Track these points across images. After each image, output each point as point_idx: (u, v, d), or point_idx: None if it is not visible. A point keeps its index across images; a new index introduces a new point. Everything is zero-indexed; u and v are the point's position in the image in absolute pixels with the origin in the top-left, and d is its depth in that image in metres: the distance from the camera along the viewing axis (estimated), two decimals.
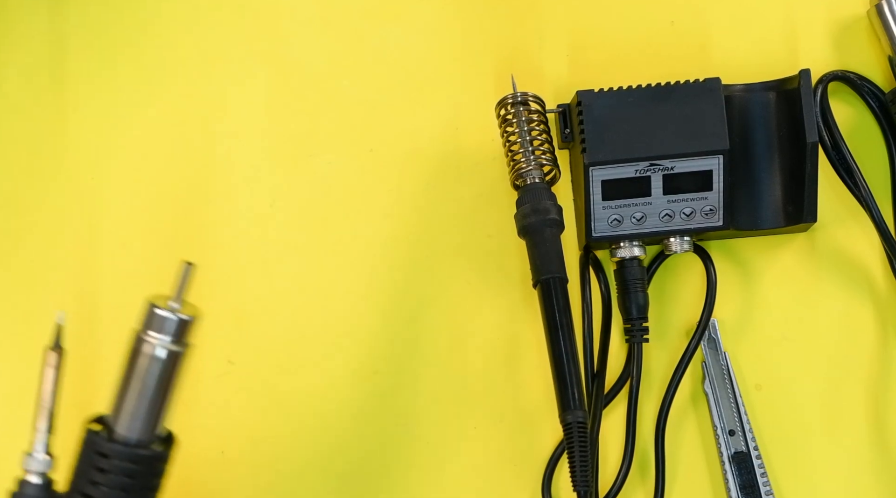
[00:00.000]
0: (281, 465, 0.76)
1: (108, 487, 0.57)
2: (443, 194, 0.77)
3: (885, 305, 0.75)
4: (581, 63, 0.77)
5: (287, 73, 0.78)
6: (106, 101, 0.78)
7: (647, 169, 0.71)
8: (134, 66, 0.78)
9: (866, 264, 0.76)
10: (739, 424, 0.74)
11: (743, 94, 0.73)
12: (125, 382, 0.57)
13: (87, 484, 0.57)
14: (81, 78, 0.78)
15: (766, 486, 0.74)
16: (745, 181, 0.73)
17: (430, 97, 0.77)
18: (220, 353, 0.77)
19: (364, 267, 0.77)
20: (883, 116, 0.76)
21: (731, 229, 0.73)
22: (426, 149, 0.77)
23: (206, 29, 0.79)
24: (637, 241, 0.73)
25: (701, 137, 0.71)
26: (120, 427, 0.58)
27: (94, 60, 0.78)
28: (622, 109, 0.71)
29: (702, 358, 0.75)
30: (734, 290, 0.76)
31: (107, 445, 0.57)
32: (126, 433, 0.58)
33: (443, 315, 0.76)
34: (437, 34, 0.77)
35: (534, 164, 0.72)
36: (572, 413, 0.68)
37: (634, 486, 0.75)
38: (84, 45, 0.78)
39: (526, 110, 0.73)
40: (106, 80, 0.78)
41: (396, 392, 0.75)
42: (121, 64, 0.78)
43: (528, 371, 0.75)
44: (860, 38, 0.77)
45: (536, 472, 0.75)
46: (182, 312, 0.56)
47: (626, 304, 0.74)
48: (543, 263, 0.70)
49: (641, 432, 0.75)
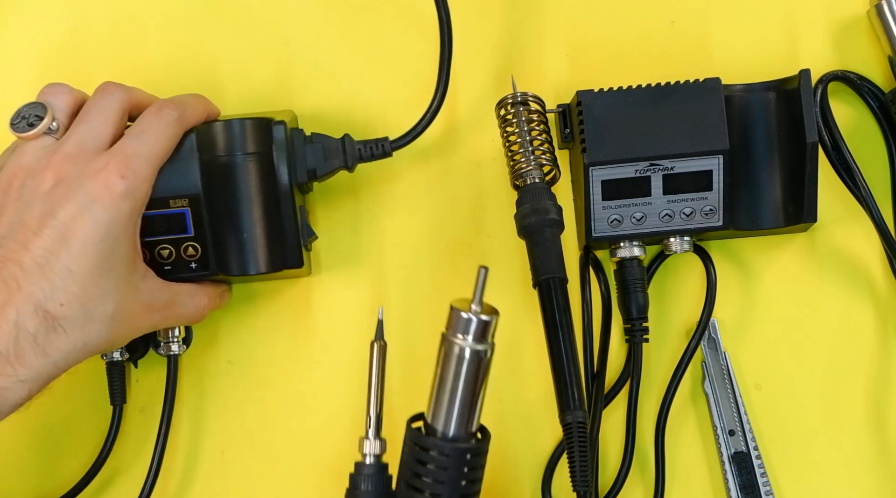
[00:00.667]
0: (281, 465, 0.76)
1: (430, 479, 0.62)
2: (443, 194, 0.77)
3: (885, 305, 0.75)
4: (581, 63, 0.77)
5: (287, 71, 0.78)
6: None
7: (647, 169, 0.71)
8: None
9: (866, 264, 0.76)
10: (739, 424, 0.74)
11: (743, 94, 0.73)
12: (440, 382, 0.62)
13: (412, 476, 0.62)
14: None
15: (766, 486, 0.74)
16: (745, 181, 0.73)
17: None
18: (221, 353, 0.77)
19: (364, 267, 0.77)
20: (883, 116, 0.76)
21: (731, 229, 0.73)
22: (426, 149, 0.77)
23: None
24: (637, 241, 0.73)
25: (701, 137, 0.71)
26: (438, 424, 0.62)
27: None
28: (622, 109, 0.71)
29: (702, 358, 0.75)
30: (734, 290, 0.76)
31: (427, 441, 0.62)
32: (444, 429, 0.62)
33: (443, 315, 0.76)
34: (436, 34, 0.77)
35: (534, 164, 0.72)
36: (572, 413, 0.68)
37: (634, 486, 0.75)
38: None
39: (526, 110, 0.73)
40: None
41: (396, 392, 0.75)
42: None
43: (528, 371, 0.75)
44: (860, 38, 0.77)
45: (536, 472, 0.75)
46: (483, 313, 0.61)
47: (626, 304, 0.74)
48: (543, 263, 0.70)
49: (641, 432, 0.75)
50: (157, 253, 0.70)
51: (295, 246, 0.71)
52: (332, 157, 0.72)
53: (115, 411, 0.75)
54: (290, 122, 0.71)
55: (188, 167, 0.69)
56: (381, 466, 0.66)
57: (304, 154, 0.72)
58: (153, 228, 0.69)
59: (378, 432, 0.66)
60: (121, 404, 0.75)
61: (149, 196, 0.66)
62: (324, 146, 0.72)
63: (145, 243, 0.69)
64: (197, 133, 0.69)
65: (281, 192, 0.70)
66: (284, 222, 0.70)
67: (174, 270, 0.70)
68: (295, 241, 0.71)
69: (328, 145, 0.72)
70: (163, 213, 0.69)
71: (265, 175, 0.69)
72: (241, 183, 0.69)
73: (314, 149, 0.72)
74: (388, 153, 0.73)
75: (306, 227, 0.72)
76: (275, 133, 0.70)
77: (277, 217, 0.70)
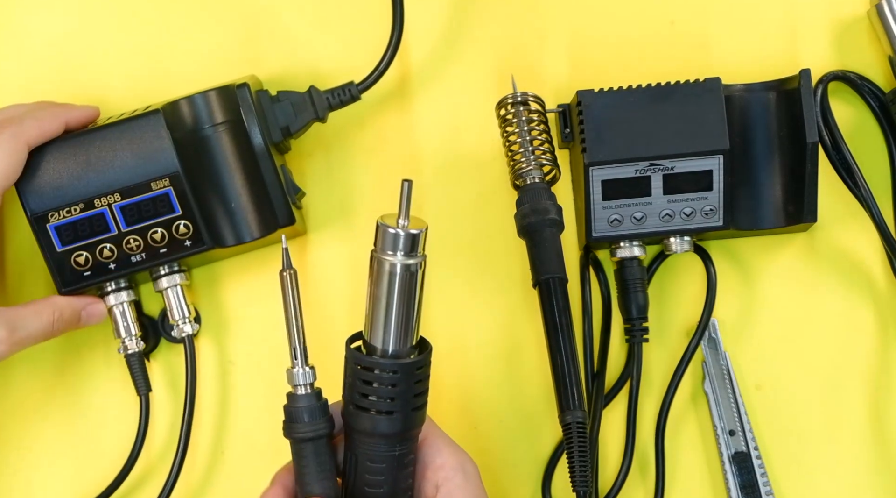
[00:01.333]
0: (281, 465, 0.76)
1: (375, 397, 0.61)
2: (443, 194, 0.77)
3: (885, 305, 0.75)
4: (581, 63, 0.77)
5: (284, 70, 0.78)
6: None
7: (647, 169, 0.71)
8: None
9: (866, 264, 0.76)
10: (739, 424, 0.74)
11: (743, 94, 0.73)
12: (374, 301, 0.61)
13: (357, 396, 0.62)
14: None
15: (766, 486, 0.74)
16: (745, 181, 0.73)
17: (430, 97, 0.77)
18: (221, 353, 0.77)
19: (364, 267, 0.76)
20: (883, 116, 0.76)
21: (731, 229, 0.73)
22: (426, 149, 0.77)
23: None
24: (637, 241, 0.73)
25: (701, 137, 0.71)
26: (377, 342, 0.61)
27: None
28: (622, 109, 0.71)
29: (702, 358, 0.75)
30: (734, 290, 0.76)
31: (369, 360, 0.61)
32: (383, 346, 0.61)
33: (443, 315, 0.76)
34: (437, 34, 0.77)
35: (534, 164, 0.72)
36: (572, 413, 0.68)
37: (634, 486, 0.75)
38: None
39: (526, 110, 0.73)
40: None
41: None
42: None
43: (528, 371, 0.75)
44: (860, 38, 0.77)
45: (536, 472, 0.75)
46: (411, 227, 0.60)
47: (626, 304, 0.74)
48: (543, 263, 0.70)
49: (641, 432, 0.75)
50: (150, 238, 0.70)
51: (283, 205, 0.71)
52: (301, 111, 0.73)
53: (142, 401, 0.74)
54: (253, 86, 0.72)
55: (161, 148, 0.70)
56: (315, 394, 0.63)
57: (274, 113, 0.72)
58: (141, 214, 0.70)
59: (305, 361, 0.63)
60: (146, 393, 0.74)
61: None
62: (291, 102, 0.73)
63: (138, 230, 0.70)
64: (163, 113, 0.70)
65: (259, 155, 0.70)
66: (268, 184, 0.71)
67: (170, 251, 0.71)
68: (283, 201, 0.71)
69: (296, 100, 0.73)
70: (146, 197, 0.70)
71: (239, 142, 0.70)
72: (218, 154, 0.70)
73: (283, 107, 0.73)
74: (357, 96, 0.74)
75: (291, 185, 0.72)
76: (240, 98, 0.70)
77: (260, 181, 0.70)
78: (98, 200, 0.70)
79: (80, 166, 0.70)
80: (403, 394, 0.61)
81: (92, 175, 0.70)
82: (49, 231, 0.70)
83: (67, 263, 0.71)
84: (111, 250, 0.71)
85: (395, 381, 0.61)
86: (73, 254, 0.71)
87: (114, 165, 0.70)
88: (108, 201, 0.70)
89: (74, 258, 0.71)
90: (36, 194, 0.70)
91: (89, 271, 0.71)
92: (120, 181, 0.70)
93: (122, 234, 0.71)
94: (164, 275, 0.73)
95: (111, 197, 0.70)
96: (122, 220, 0.70)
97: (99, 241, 0.71)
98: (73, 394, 0.77)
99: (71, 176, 0.70)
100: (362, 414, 0.61)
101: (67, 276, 0.71)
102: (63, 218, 0.70)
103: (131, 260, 0.71)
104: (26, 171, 0.70)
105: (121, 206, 0.70)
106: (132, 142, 0.70)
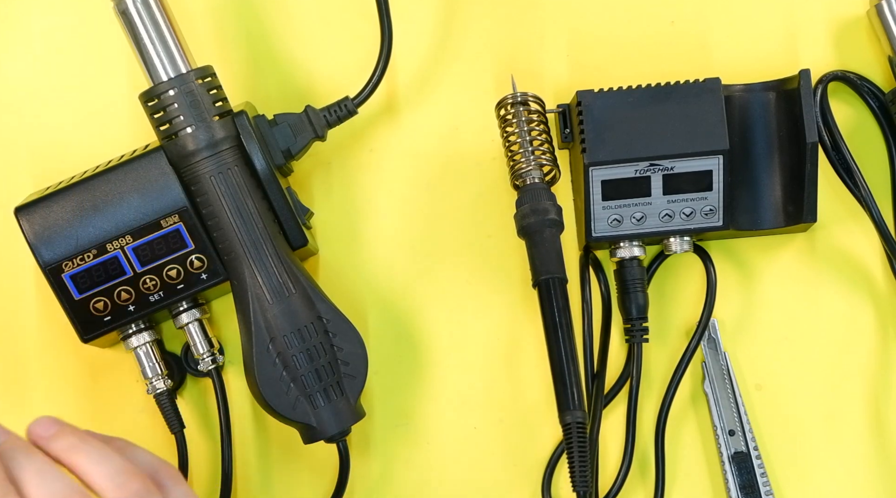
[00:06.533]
0: (281, 465, 0.76)
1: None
2: (443, 194, 0.77)
3: (885, 305, 0.75)
4: (581, 63, 0.77)
5: (284, 69, 0.78)
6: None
7: (647, 169, 0.71)
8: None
9: (866, 264, 0.76)
10: (739, 424, 0.74)
11: (743, 94, 0.73)
12: (137, 48, 0.69)
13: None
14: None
15: (766, 486, 0.74)
16: (745, 181, 0.73)
17: (430, 97, 0.77)
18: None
19: (364, 267, 0.77)
20: (883, 116, 0.76)
21: (731, 229, 0.73)
22: (426, 149, 0.77)
23: None
24: (637, 241, 0.73)
25: (701, 137, 0.71)
26: (159, 77, 0.69)
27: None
28: (622, 109, 0.71)
29: (702, 358, 0.75)
30: (734, 290, 0.76)
31: (159, 88, 0.68)
32: (165, 76, 0.69)
33: (443, 315, 0.76)
34: (436, 34, 0.77)
35: (533, 165, 0.72)
36: (571, 413, 0.68)
37: (634, 486, 0.75)
38: None
39: (526, 110, 0.73)
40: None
41: (397, 392, 0.75)
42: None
43: (528, 371, 0.75)
44: (860, 38, 0.77)
45: (536, 472, 0.75)
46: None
47: (626, 304, 0.74)
48: (543, 263, 0.70)
49: (641, 432, 0.75)
50: (166, 275, 0.70)
51: (294, 227, 0.71)
52: (300, 132, 0.73)
53: (178, 439, 0.73)
54: (250, 112, 0.71)
55: (166, 185, 0.69)
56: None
57: (274, 137, 0.72)
58: (154, 253, 0.70)
59: None
60: (180, 429, 0.73)
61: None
62: (289, 124, 0.73)
63: (153, 269, 0.70)
64: (165, 150, 0.69)
65: (264, 181, 0.70)
66: (276, 208, 0.70)
67: (187, 286, 0.70)
68: (293, 223, 0.71)
69: (293, 122, 0.73)
70: (158, 235, 0.69)
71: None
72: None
73: (281, 129, 0.72)
74: (354, 111, 0.73)
75: (299, 206, 0.72)
76: (239, 126, 0.70)
77: (269, 206, 0.70)
78: (110, 244, 0.70)
79: (88, 212, 0.70)
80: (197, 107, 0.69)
81: (101, 220, 0.70)
82: (65, 281, 0.70)
83: (86, 310, 0.70)
84: (128, 292, 0.70)
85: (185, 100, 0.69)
86: (91, 300, 0.70)
87: (121, 208, 0.70)
88: (120, 244, 0.70)
89: (93, 305, 0.70)
90: (47, 246, 0.69)
91: (109, 316, 0.71)
92: (129, 223, 0.70)
93: (137, 275, 0.70)
94: (184, 310, 0.72)
95: (123, 239, 0.70)
96: (136, 261, 0.70)
97: (115, 285, 0.70)
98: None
99: (80, 223, 0.70)
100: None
101: (88, 323, 0.71)
102: (77, 266, 0.70)
103: (150, 300, 0.70)
104: (35, 224, 0.69)
105: (133, 247, 0.70)
106: (137, 182, 0.70)
